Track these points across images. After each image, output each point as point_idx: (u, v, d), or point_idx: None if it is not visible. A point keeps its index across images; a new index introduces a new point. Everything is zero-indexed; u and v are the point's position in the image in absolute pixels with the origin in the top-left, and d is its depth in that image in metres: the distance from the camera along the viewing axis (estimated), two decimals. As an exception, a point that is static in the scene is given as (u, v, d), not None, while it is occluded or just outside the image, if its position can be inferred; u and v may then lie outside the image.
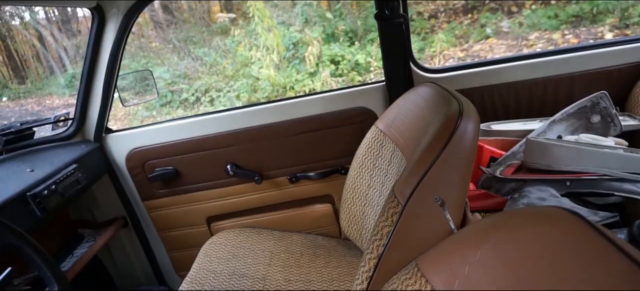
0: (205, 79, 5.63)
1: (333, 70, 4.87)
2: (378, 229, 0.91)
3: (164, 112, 5.90)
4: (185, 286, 1.35)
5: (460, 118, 0.88)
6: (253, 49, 5.15)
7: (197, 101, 5.62)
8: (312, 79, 4.84)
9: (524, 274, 0.56)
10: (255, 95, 5.12)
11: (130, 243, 1.87)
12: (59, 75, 9.65)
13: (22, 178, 1.27)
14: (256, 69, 5.14)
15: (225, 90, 5.37)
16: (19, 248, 0.83)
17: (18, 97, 9.78)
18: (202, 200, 1.74)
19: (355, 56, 4.86)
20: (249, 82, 5.21)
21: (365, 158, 1.35)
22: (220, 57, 5.72)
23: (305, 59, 4.85)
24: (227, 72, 5.55)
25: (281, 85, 4.94)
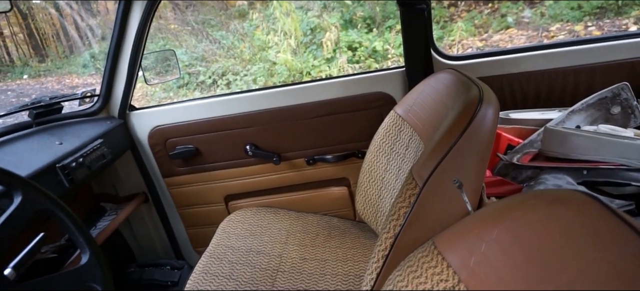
0: (223, 62, 5.68)
1: (350, 57, 4.87)
2: (395, 209, 0.93)
3: (181, 93, 5.98)
4: (204, 259, 1.40)
5: (480, 104, 0.89)
6: (271, 33, 5.17)
7: (214, 84, 5.67)
8: (328, 65, 4.85)
9: (540, 252, 0.58)
10: (271, 80, 5.15)
11: (150, 218, 1.92)
12: (78, 55, 9.80)
13: (52, 150, 1.32)
14: (273, 54, 5.16)
15: (242, 73, 5.40)
16: (53, 213, 0.87)
17: (38, 75, 9.97)
18: (220, 178, 1.78)
19: (373, 43, 4.85)
20: (265, 66, 5.24)
21: (382, 142, 1.37)
22: (237, 41, 5.75)
23: (322, 44, 4.85)
24: (244, 55, 5.58)
25: (298, 70, 4.96)
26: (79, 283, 0.85)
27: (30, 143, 1.34)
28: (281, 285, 1.28)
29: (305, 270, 1.35)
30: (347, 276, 1.32)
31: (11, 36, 11.19)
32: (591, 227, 0.55)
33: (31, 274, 0.89)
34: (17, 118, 1.60)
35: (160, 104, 1.73)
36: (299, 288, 1.27)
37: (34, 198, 0.84)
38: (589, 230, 0.55)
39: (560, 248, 0.56)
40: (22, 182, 0.83)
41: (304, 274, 1.33)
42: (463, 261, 0.68)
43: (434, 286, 0.71)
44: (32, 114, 1.44)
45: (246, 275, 1.32)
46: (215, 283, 1.28)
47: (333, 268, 1.36)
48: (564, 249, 0.55)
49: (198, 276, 1.32)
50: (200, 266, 1.36)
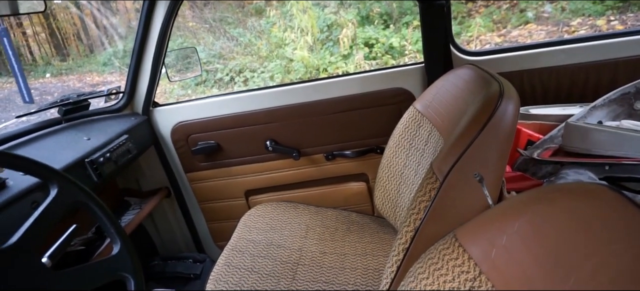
0: (240, 59, 5.74)
1: (367, 53, 4.87)
2: (415, 203, 0.94)
3: (199, 90, 6.05)
4: (226, 252, 1.43)
5: (500, 99, 0.90)
6: (287, 30, 5.21)
7: (231, 81, 5.73)
8: (345, 61, 4.87)
9: (562, 244, 0.58)
10: (288, 77, 5.19)
11: (172, 213, 1.97)
12: (98, 53, 9.99)
13: (80, 145, 1.37)
14: (290, 50, 5.19)
15: (259, 70, 5.46)
16: (87, 206, 0.91)
17: (60, 73, 10.19)
18: (241, 173, 1.82)
19: (390, 39, 4.85)
20: (282, 63, 5.28)
21: (402, 138, 1.39)
22: (254, 38, 5.80)
23: (339, 41, 4.86)
24: (261, 52, 5.63)
25: (314, 66, 4.99)
26: (111, 272, 0.89)
27: (60, 138, 1.39)
28: (302, 278, 1.31)
29: (325, 264, 1.37)
30: (366, 270, 1.34)
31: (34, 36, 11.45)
32: (614, 220, 0.56)
33: (61, 265, 0.93)
34: (39, 116, 1.65)
35: (183, 101, 1.77)
36: (319, 280, 1.30)
37: (69, 191, 0.88)
38: (611, 223, 0.56)
39: (583, 239, 0.57)
40: (58, 175, 0.87)
41: (324, 267, 1.36)
42: (484, 254, 0.69)
43: (455, 278, 0.73)
44: (61, 111, 1.49)
45: (267, 268, 1.35)
46: (237, 276, 1.31)
47: (352, 262, 1.38)
48: (587, 241, 0.56)
49: (221, 268, 1.35)
50: (223, 259, 1.39)
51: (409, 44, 4.74)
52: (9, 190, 1.03)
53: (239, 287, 1.27)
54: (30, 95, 7.04)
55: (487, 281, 0.66)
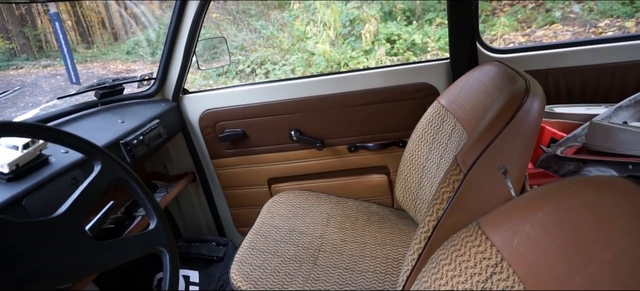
0: (262, 52, 5.79)
1: (388, 49, 4.87)
2: (439, 194, 0.97)
3: (220, 81, 6.13)
4: (250, 236, 1.48)
5: (526, 95, 0.92)
6: (310, 23, 5.23)
7: (253, 72, 5.79)
8: (366, 57, 4.87)
9: (584, 232, 0.61)
10: (309, 70, 5.22)
11: (196, 197, 2.03)
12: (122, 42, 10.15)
13: (115, 127, 1.43)
14: (312, 44, 5.22)
15: (281, 63, 5.50)
16: (127, 182, 0.97)
17: (85, 60, 10.40)
18: (265, 162, 1.86)
19: (412, 36, 4.83)
20: (304, 57, 5.31)
21: (425, 132, 1.41)
22: (276, 31, 5.85)
23: (361, 36, 4.87)
24: (283, 45, 5.67)
25: (336, 61, 5.01)
26: (148, 245, 0.94)
27: (96, 120, 1.46)
28: (322, 263, 1.35)
29: (346, 251, 1.41)
30: (386, 259, 1.37)
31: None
32: (636, 211, 0.58)
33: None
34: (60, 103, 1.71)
35: (212, 89, 1.83)
36: (340, 267, 1.34)
37: (112, 167, 0.93)
38: (633, 214, 0.58)
39: (605, 229, 0.59)
40: (102, 152, 0.93)
41: (344, 255, 1.40)
42: (507, 241, 0.72)
43: (477, 264, 0.75)
44: (98, 94, 1.56)
45: (290, 253, 1.39)
46: (261, 258, 1.36)
47: (372, 251, 1.42)
48: (608, 230, 0.58)
49: (245, 251, 1.41)
50: (247, 242, 1.45)
51: (432, 41, 4.73)
52: (52, 167, 1.10)
53: (262, 269, 1.32)
54: (77, 76, 7.30)
55: (508, 267, 0.69)
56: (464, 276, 0.77)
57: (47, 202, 1.03)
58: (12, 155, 1.03)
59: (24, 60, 9.71)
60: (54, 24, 7.33)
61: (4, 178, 1.01)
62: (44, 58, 9.91)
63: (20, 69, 9.42)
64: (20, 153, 1.04)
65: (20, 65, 9.51)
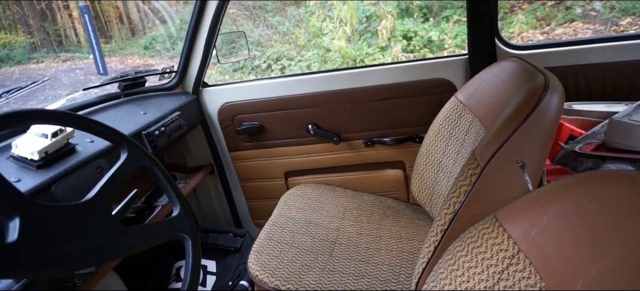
0: (278, 47, 5.82)
1: (405, 46, 4.86)
2: (456, 187, 0.98)
3: (236, 76, 6.18)
4: (268, 227, 1.51)
5: (546, 91, 0.92)
6: (326, 19, 5.24)
7: (268, 68, 5.82)
8: (382, 53, 4.87)
9: (603, 225, 0.61)
10: (325, 66, 5.23)
11: (214, 189, 2.07)
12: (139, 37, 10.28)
13: (138, 118, 1.47)
14: (327, 40, 5.24)
15: (296, 59, 5.52)
16: (152, 170, 1.00)
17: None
18: (282, 155, 1.89)
19: (429, 33, 4.81)
20: (319, 53, 5.33)
21: (442, 127, 1.42)
22: (293, 26, 5.87)
23: (377, 32, 4.87)
24: (299, 41, 5.69)
25: (351, 57, 5.01)
26: (171, 232, 0.97)
27: (120, 111, 1.49)
28: (339, 255, 1.37)
29: (361, 244, 1.43)
30: (402, 253, 1.39)
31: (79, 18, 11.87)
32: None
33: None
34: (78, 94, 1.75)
35: (230, 82, 1.86)
36: (356, 259, 1.35)
37: (138, 156, 0.96)
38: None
39: (623, 222, 0.59)
40: (128, 141, 0.96)
41: (360, 247, 1.41)
42: (524, 233, 0.72)
43: (493, 256, 0.77)
44: (121, 86, 1.60)
45: (306, 244, 1.42)
46: (278, 249, 1.39)
47: (388, 244, 1.43)
48: (627, 223, 0.59)
49: (262, 241, 1.43)
50: (265, 233, 1.47)
51: (449, 38, 4.70)
52: (78, 155, 1.14)
53: (279, 260, 1.34)
54: (105, 68, 7.50)
55: (525, 258, 0.70)
56: (480, 267, 0.78)
57: (74, 189, 1.07)
58: (42, 143, 1.07)
59: (44, 54, 9.88)
60: (84, 16, 7.54)
61: (34, 165, 1.05)
62: (64, 52, 10.08)
63: (41, 62, 9.60)
64: (50, 141, 1.08)
65: (41, 59, 9.69)
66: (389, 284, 1.26)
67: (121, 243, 0.88)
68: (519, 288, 0.69)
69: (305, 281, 1.25)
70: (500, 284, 0.73)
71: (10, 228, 0.71)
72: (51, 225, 0.76)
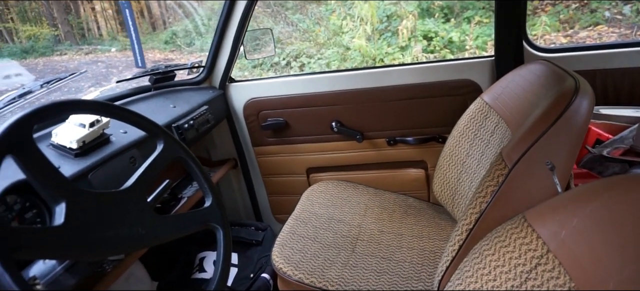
0: (297, 45, 5.85)
1: (425, 46, 4.84)
2: (482, 187, 0.98)
3: (255, 73, 6.23)
4: (291, 222, 1.54)
5: (576, 94, 0.92)
6: (346, 18, 5.25)
7: (288, 65, 5.86)
8: (402, 53, 4.86)
9: (634, 230, 0.62)
10: (344, 65, 5.25)
11: (237, 183, 2.11)
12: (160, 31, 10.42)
13: (167, 112, 1.51)
14: (347, 39, 5.24)
15: (316, 57, 5.54)
16: (185, 162, 1.03)
17: (124, 48, 10.72)
18: (305, 151, 1.91)
19: (449, 33, 4.79)
20: (339, 51, 5.34)
21: (467, 128, 1.42)
22: (313, 24, 5.89)
23: (398, 32, 4.86)
24: (319, 39, 5.71)
25: (371, 56, 5.02)
26: (203, 222, 1.00)
27: (150, 104, 1.54)
28: (360, 251, 1.39)
29: (383, 241, 1.45)
30: (423, 251, 1.40)
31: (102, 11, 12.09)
32: None
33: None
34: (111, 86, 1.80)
35: (257, 78, 1.89)
36: (377, 256, 1.37)
37: (173, 147, 1.00)
38: None
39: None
40: (164, 132, 0.99)
41: (381, 244, 1.43)
42: (553, 234, 0.73)
43: (521, 255, 0.78)
44: (152, 79, 1.64)
45: (329, 239, 1.44)
46: (301, 243, 1.42)
47: (409, 242, 1.45)
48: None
49: (286, 235, 1.46)
50: (288, 227, 1.50)
51: (470, 39, 4.67)
52: (113, 145, 1.18)
53: (302, 253, 1.37)
54: (143, 60, 7.71)
55: (554, 258, 0.71)
56: (508, 266, 0.79)
57: (108, 177, 1.11)
58: (80, 132, 1.11)
59: (67, 46, 10.06)
60: (124, 11, 7.75)
61: (72, 154, 1.09)
62: (86, 45, 10.25)
63: (64, 54, 9.78)
64: (87, 131, 1.12)
65: (64, 51, 9.87)
66: (411, 281, 1.27)
67: (157, 231, 0.91)
68: (547, 288, 0.70)
69: (328, 276, 1.27)
70: (528, 283, 0.74)
71: (56, 212, 0.74)
72: (93, 211, 0.80)
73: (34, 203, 0.98)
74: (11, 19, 9.96)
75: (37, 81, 1.27)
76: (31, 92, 1.23)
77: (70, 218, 0.74)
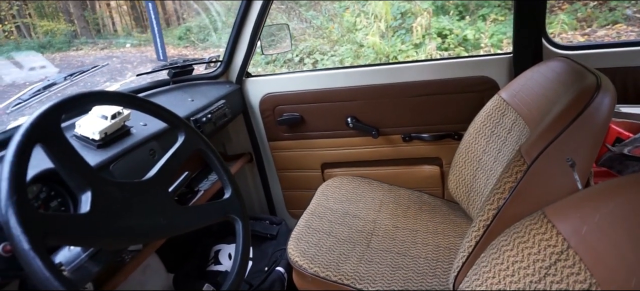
0: (311, 42, 5.85)
1: (439, 44, 4.81)
2: (501, 184, 0.98)
3: (268, 69, 6.25)
4: (306, 216, 1.55)
5: (597, 91, 0.91)
6: (360, 15, 5.24)
7: (301, 62, 5.87)
8: (416, 50, 4.84)
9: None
10: (357, 62, 5.24)
11: (252, 177, 2.12)
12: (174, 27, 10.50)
13: (186, 105, 1.53)
14: (361, 35, 5.23)
15: (329, 54, 5.55)
16: (206, 154, 1.05)
17: (139, 44, 10.83)
18: (320, 147, 1.92)
19: (464, 31, 4.75)
20: (352, 48, 5.34)
21: (483, 125, 1.42)
22: (326, 21, 5.89)
23: (412, 29, 4.84)
24: (333, 36, 5.71)
25: (385, 53, 5.00)
26: (223, 213, 1.02)
27: (169, 98, 1.56)
28: (375, 247, 1.40)
29: (398, 237, 1.45)
30: (438, 247, 1.40)
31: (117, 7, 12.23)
32: None
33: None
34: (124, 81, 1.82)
35: (273, 73, 1.90)
36: (392, 251, 1.38)
37: (194, 139, 1.02)
38: None
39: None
40: (185, 124, 1.01)
41: (396, 240, 1.44)
42: (574, 230, 0.73)
43: (540, 251, 0.78)
44: (170, 73, 1.66)
45: (344, 234, 1.45)
46: (316, 237, 1.43)
47: (424, 238, 1.45)
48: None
49: (301, 229, 1.47)
50: (303, 221, 1.51)
51: (486, 37, 4.63)
52: (133, 137, 1.20)
53: (317, 247, 1.38)
54: (165, 54, 7.86)
55: (575, 254, 0.71)
56: (526, 261, 0.80)
57: (129, 169, 1.13)
58: (102, 124, 1.13)
59: (83, 42, 10.19)
60: (148, 5, 7.91)
61: (95, 145, 1.11)
62: (101, 40, 10.37)
63: (80, 50, 9.90)
64: (109, 123, 1.14)
65: (80, 47, 10.00)
66: (426, 277, 1.28)
67: (178, 221, 0.92)
68: (567, 284, 0.70)
69: (343, 270, 1.28)
70: (547, 279, 0.74)
71: (82, 201, 0.76)
72: (118, 200, 0.81)
73: (58, 193, 1.00)
74: (29, 15, 10.11)
75: (60, 74, 1.30)
76: (55, 84, 1.26)
77: (96, 207, 0.76)
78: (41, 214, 0.66)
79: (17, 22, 9.96)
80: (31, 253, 0.62)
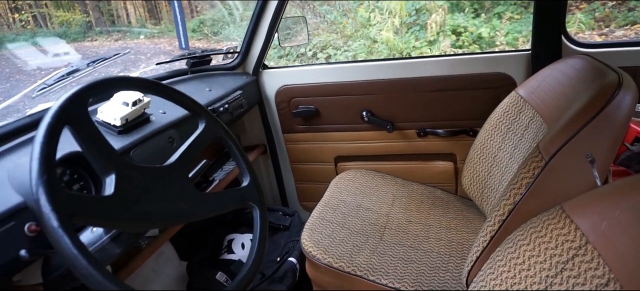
0: (324, 36, 5.85)
1: (453, 41, 4.78)
2: (517, 179, 0.98)
3: (281, 63, 6.26)
4: (320, 207, 1.56)
5: (619, 89, 0.91)
6: (374, 10, 5.23)
7: (314, 56, 5.87)
8: (430, 47, 4.81)
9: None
10: (370, 58, 5.23)
11: (265, 168, 2.14)
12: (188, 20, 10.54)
13: (203, 95, 1.55)
14: (375, 31, 5.22)
15: (343, 49, 5.54)
16: (225, 142, 1.06)
17: (153, 36, 10.90)
18: (334, 140, 1.93)
19: (479, 29, 4.71)
20: (366, 44, 5.32)
21: (500, 122, 1.41)
22: (340, 16, 5.88)
23: (426, 26, 4.81)
24: (346, 31, 5.70)
25: (398, 50, 4.98)
26: (242, 201, 1.03)
27: (187, 87, 1.58)
28: (388, 240, 1.41)
29: (411, 231, 1.46)
30: (451, 242, 1.40)
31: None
32: None
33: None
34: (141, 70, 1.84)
35: (289, 65, 1.92)
36: (405, 245, 1.38)
37: (215, 127, 1.03)
38: None
39: None
40: (206, 112, 1.03)
41: (409, 234, 1.44)
42: (593, 225, 0.73)
43: (558, 246, 0.78)
44: (189, 63, 1.68)
45: (357, 226, 1.46)
46: (330, 229, 1.44)
47: (437, 233, 1.45)
48: None
49: (315, 220, 1.49)
50: (317, 213, 1.53)
51: (501, 35, 4.58)
52: (153, 124, 1.22)
53: (331, 239, 1.39)
54: (187, 42, 7.98)
55: (593, 250, 0.71)
56: (543, 256, 0.80)
57: (149, 155, 1.15)
58: (124, 110, 1.15)
59: (97, 33, 10.29)
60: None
61: (116, 131, 1.13)
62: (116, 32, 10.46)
63: (95, 41, 10.00)
64: (130, 109, 1.16)
65: (95, 38, 10.09)
66: (438, 271, 1.28)
67: (197, 207, 0.94)
68: (584, 278, 0.70)
69: (356, 261, 1.29)
70: (564, 274, 0.74)
71: (107, 183, 0.78)
72: (140, 184, 0.83)
73: (81, 176, 1.03)
74: (45, 5, 10.23)
75: (83, 61, 1.33)
76: (79, 70, 1.29)
77: (119, 189, 0.78)
78: (69, 194, 0.68)
79: (34, 12, 10.08)
80: (60, 231, 0.63)
